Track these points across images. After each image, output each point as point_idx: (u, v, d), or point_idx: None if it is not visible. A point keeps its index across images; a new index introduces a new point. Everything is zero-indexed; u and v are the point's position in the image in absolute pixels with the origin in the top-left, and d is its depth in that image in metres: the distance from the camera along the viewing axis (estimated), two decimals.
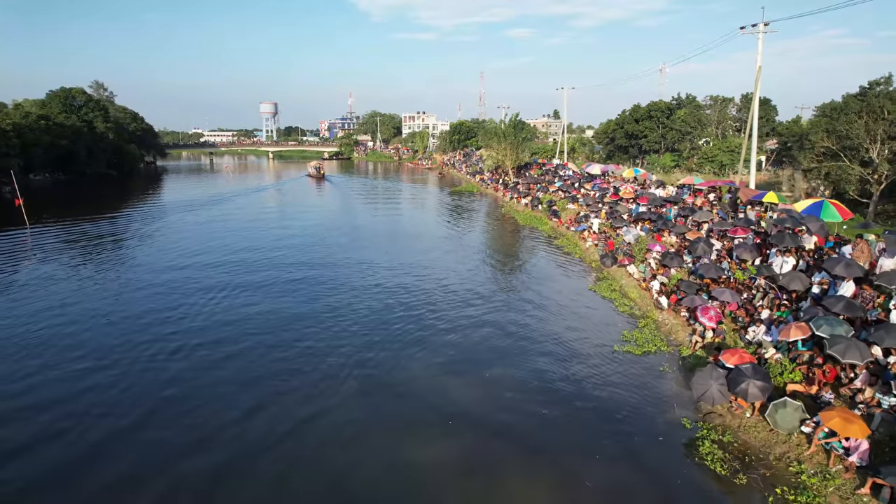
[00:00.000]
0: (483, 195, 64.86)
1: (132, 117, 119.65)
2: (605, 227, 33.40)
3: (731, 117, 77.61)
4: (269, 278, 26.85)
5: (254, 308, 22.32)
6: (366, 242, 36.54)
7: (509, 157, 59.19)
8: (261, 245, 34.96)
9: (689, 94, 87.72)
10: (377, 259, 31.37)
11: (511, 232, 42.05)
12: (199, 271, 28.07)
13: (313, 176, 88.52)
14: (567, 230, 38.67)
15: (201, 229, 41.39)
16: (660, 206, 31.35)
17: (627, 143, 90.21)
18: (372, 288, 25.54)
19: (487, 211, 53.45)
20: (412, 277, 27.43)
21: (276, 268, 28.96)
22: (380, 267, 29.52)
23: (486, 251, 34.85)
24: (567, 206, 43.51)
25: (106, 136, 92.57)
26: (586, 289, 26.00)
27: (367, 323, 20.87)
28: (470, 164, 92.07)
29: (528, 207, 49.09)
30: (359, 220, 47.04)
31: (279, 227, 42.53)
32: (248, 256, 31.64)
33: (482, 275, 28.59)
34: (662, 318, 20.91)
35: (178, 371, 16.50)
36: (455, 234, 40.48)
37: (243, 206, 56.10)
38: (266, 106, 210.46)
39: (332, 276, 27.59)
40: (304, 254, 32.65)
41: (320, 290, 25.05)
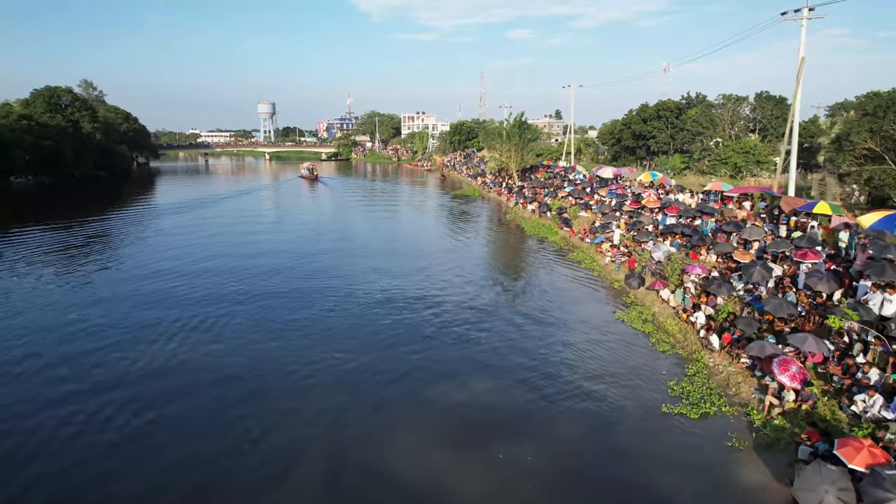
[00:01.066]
0: (485, 199, 60.73)
1: (124, 117, 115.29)
2: (628, 241, 29.26)
3: (745, 117, 73.41)
4: (221, 312, 21.85)
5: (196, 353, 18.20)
6: (355, 258, 32.28)
7: (513, 160, 54.97)
8: (222, 265, 30.49)
9: (699, 93, 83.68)
10: (366, 279, 27.25)
11: (518, 243, 37.91)
12: (131, 302, 23.58)
13: (306, 177, 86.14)
14: (581, 241, 34.55)
15: (164, 240, 37.16)
16: (692, 218, 27.15)
17: (634, 144, 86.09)
18: (352, 321, 21.41)
19: (491, 217, 49.33)
20: (405, 305, 23.29)
21: (230, 300, 24.23)
22: (368, 290, 25.39)
23: (491, 267, 30.71)
24: (579, 213, 39.36)
25: (93, 136, 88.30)
26: (613, 317, 21.87)
27: (343, 381, 16.75)
28: (471, 166, 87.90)
29: (535, 214, 44.96)
30: (350, 229, 42.82)
31: (254, 237, 38.34)
32: (202, 283, 25.90)
33: (488, 297, 24.44)
34: (714, 363, 16.78)
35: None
36: (457, 246, 36.34)
37: (223, 212, 51.92)
38: (264, 106, 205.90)
39: (306, 313, 23.39)
40: (277, 275, 27.84)
41: (288, 344, 20.85)
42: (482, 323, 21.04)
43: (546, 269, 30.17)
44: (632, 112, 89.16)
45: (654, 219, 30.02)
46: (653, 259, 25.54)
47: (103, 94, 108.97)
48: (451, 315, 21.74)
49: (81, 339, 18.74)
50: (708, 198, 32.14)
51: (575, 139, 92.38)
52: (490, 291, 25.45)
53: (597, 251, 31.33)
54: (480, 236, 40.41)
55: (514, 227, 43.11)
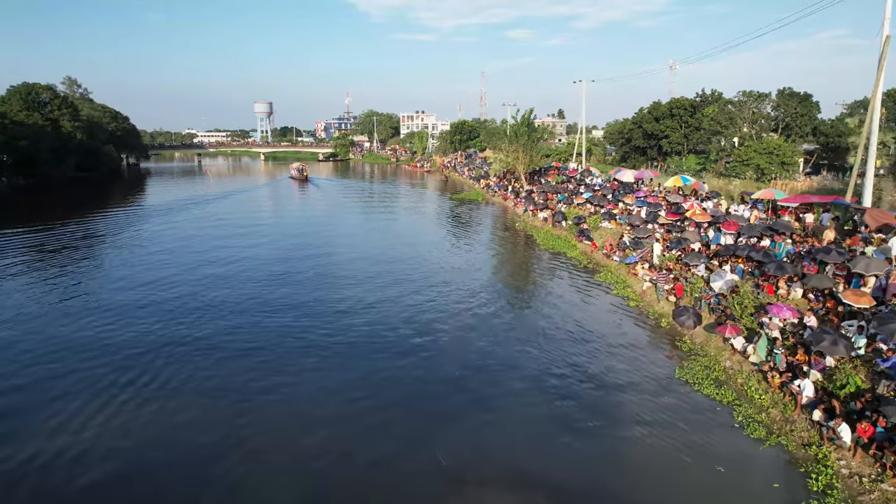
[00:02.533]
0: (490, 204, 55.02)
1: (112, 116, 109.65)
2: (670, 263, 23.61)
3: (766, 115, 67.72)
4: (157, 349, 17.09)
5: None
6: (337, 280, 26.65)
7: (521, 161, 49.21)
8: (176, 279, 25.18)
9: (714, 90, 78.09)
10: (350, 308, 21.65)
11: (531, 258, 32.24)
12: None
13: (296, 178, 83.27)
14: (607, 259, 28.92)
15: (118, 253, 31.50)
16: (758, 238, 21.34)
17: (646, 144, 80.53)
18: (331, 370, 15.84)
19: (498, 225, 43.62)
20: (395, 353, 17.69)
21: (174, 341, 18.96)
22: (352, 325, 19.79)
23: (504, 293, 24.98)
24: (601, 224, 33.70)
25: (74, 136, 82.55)
26: (671, 373, 16.24)
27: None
28: (473, 168, 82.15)
29: (547, 223, 39.31)
30: (335, 241, 36.63)
31: (220, 249, 32.62)
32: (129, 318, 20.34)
33: (508, 346, 18.82)
34: (849, 471, 11.14)
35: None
36: (461, 262, 30.66)
37: (197, 218, 46.18)
38: (260, 105, 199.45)
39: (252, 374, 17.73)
40: (228, 311, 21.60)
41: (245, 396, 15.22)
42: (503, 376, 15.51)
43: (570, 294, 24.49)
44: (643, 110, 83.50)
45: (702, 235, 24.33)
46: (710, 290, 19.89)
47: (88, 91, 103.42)
48: (463, 374, 16.14)
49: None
50: (757, 209, 26.51)
51: (571, 139, 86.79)
52: (505, 328, 19.84)
53: (629, 273, 25.69)
54: (487, 250, 34.73)
55: (525, 238, 37.45)
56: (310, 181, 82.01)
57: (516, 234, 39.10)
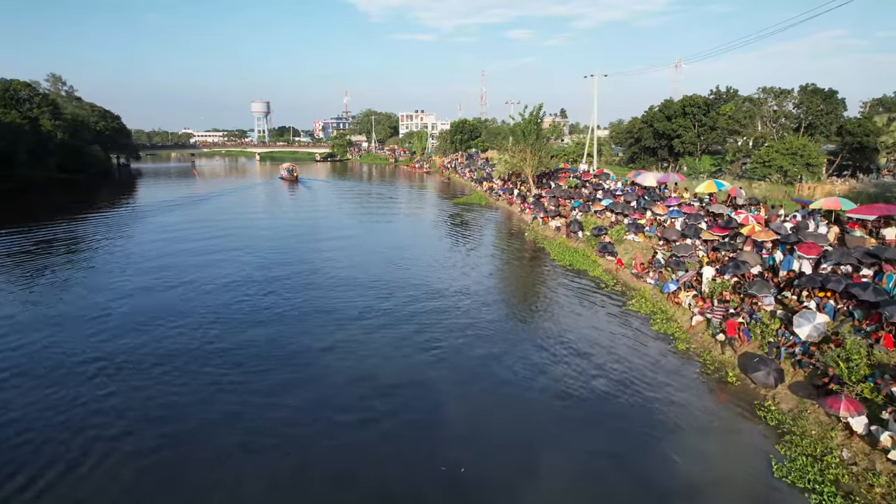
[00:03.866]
0: (494, 209, 50.08)
1: (100, 115, 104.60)
2: (727, 292, 18.68)
3: (787, 113, 62.70)
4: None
5: None
6: (308, 319, 21.56)
7: (529, 163, 44.23)
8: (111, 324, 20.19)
9: (729, 87, 73.12)
10: (330, 354, 16.73)
11: (546, 278, 27.24)
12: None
13: (286, 178, 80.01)
14: (638, 280, 24.01)
15: (63, 262, 26.50)
16: (855, 268, 16.31)
17: (656, 144, 75.58)
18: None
19: (505, 234, 38.64)
20: (387, 418, 12.79)
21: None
22: (330, 377, 14.88)
23: (520, 331, 20.06)
24: (626, 237, 28.76)
25: (54, 135, 77.56)
26: (764, 467, 11.34)
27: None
28: (474, 169, 77.15)
29: (560, 233, 34.40)
30: (317, 257, 31.07)
31: (165, 271, 27.53)
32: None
33: (527, 427, 13.92)
34: None
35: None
36: (465, 280, 25.73)
37: (170, 224, 41.11)
38: (258, 105, 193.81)
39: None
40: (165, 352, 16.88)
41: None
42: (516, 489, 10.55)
43: (598, 329, 19.52)
44: (653, 108, 78.48)
45: (765, 258, 19.38)
46: (792, 335, 14.96)
47: (74, 89, 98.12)
48: (457, 442, 11.23)
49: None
50: (811, 221, 21.59)
51: (583, 139, 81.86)
52: (523, 386, 14.92)
53: (670, 301, 20.75)
54: (495, 266, 29.80)
55: (536, 251, 32.53)
56: (300, 182, 78.47)
57: (526, 246, 34.14)
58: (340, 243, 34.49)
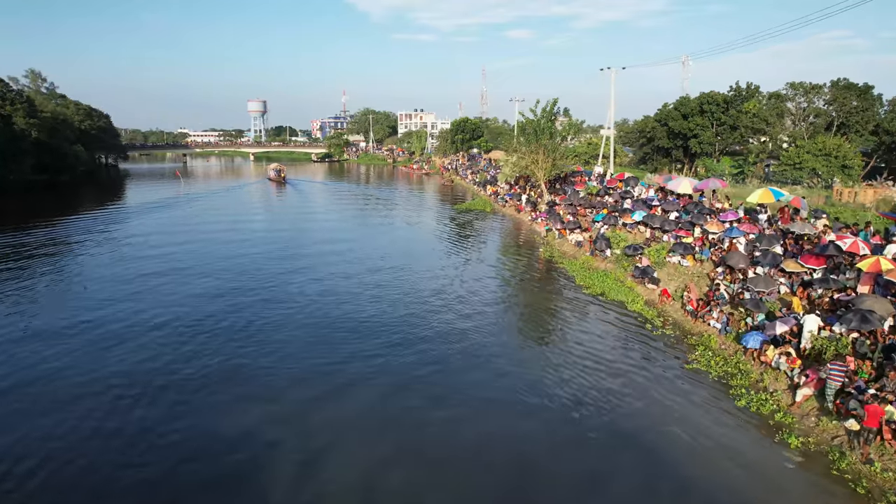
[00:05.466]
0: (500, 216, 44.30)
1: (86, 113, 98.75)
2: (849, 357, 12.93)
3: (819, 110, 56.82)
4: None
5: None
6: (273, 371, 15.90)
7: (542, 165, 38.56)
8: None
9: (749, 83, 67.05)
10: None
11: (576, 312, 21.32)
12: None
13: (273, 179, 75.88)
14: (695, 321, 18.29)
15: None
16: None
17: (670, 145, 69.83)
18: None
19: (513, 249, 32.83)
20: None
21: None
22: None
23: (544, 393, 14.33)
24: (667, 258, 22.99)
25: (28, 134, 71.67)
26: None
27: None
28: (477, 171, 71.26)
29: (583, 250, 28.64)
30: (291, 280, 25.01)
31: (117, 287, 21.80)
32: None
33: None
34: None
35: None
36: (464, 309, 20.03)
37: (129, 234, 35.22)
38: (254, 104, 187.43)
39: None
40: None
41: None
42: None
43: (661, 406, 13.78)
44: (667, 106, 72.68)
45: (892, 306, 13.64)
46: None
47: (55, 86, 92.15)
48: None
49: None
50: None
51: (593, 138, 76.02)
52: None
53: (754, 360, 15.02)
54: (503, 291, 24.03)
55: (554, 271, 26.79)
56: (288, 183, 73.79)
57: (541, 264, 28.39)
58: (315, 261, 28.54)
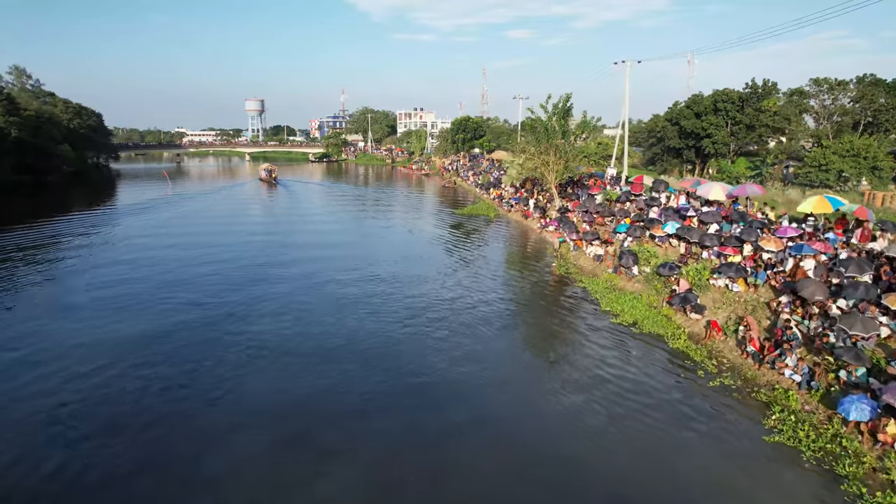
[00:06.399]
0: (504, 222, 40.40)
1: (75, 112, 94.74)
2: None
3: (845, 108, 52.83)
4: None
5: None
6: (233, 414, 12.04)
7: (553, 167, 34.74)
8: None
9: (766, 80, 62.98)
10: None
11: (603, 349, 17.41)
12: None
13: (265, 180, 73.80)
14: (759, 368, 14.40)
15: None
16: None
17: (682, 145, 65.94)
18: None
19: (521, 261, 28.89)
20: None
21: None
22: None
23: (569, 477, 10.46)
24: (711, 280, 19.07)
25: (8, 133, 67.77)
26: None
27: None
28: (479, 172, 67.26)
29: (603, 265, 24.73)
30: (260, 287, 21.83)
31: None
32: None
33: None
34: None
35: None
36: (466, 344, 16.18)
37: (100, 241, 31.25)
38: (252, 103, 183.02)
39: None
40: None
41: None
42: None
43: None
44: (678, 104, 68.74)
45: None
46: None
47: (40, 83, 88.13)
48: None
49: None
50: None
51: (604, 138, 72.06)
52: None
53: (869, 434, 11.12)
54: (512, 318, 20.15)
55: (570, 290, 22.89)
56: (280, 184, 71.24)
57: (554, 281, 24.46)
58: (295, 272, 24.64)
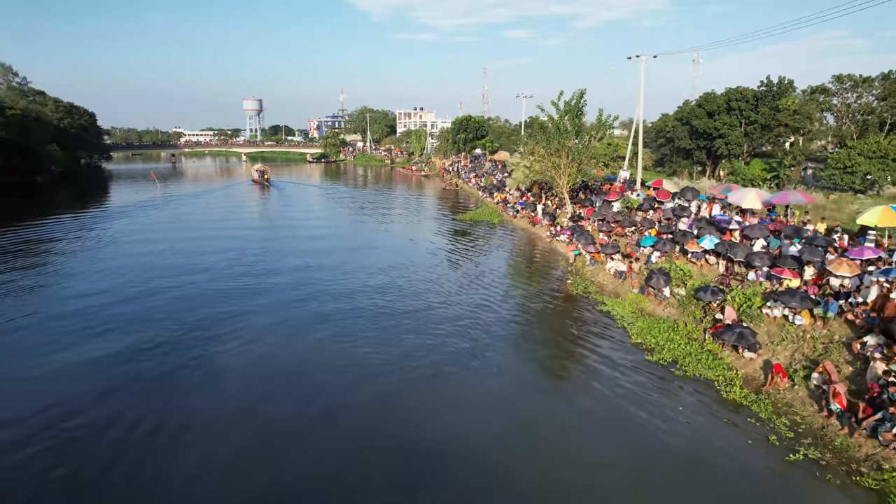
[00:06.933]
0: (510, 229, 37.26)
1: (65, 111, 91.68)
2: None
3: (868, 106, 49.62)
4: None
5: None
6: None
7: (565, 171, 31.21)
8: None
9: (782, 77, 59.79)
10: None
11: (637, 395, 14.31)
12: None
13: (257, 181, 70.89)
14: (838, 430, 11.27)
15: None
16: None
17: (692, 146, 62.78)
18: None
19: (532, 277, 25.70)
20: None
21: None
22: None
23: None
24: (765, 310, 15.91)
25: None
26: None
27: None
28: (481, 174, 64.05)
29: (626, 283, 21.60)
30: (233, 302, 18.93)
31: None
32: None
33: None
34: None
35: None
36: (483, 432, 13.13)
37: (69, 249, 28.09)
38: (249, 103, 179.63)
39: None
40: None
41: None
42: None
43: None
44: (688, 104, 65.57)
45: None
46: None
47: (27, 80, 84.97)
48: None
49: None
50: None
51: (615, 139, 68.89)
52: None
53: None
54: (531, 356, 17.05)
55: (588, 313, 19.76)
56: (272, 186, 68.50)
57: (573, 304, 21.33)
58: (268, 298, 21.49)
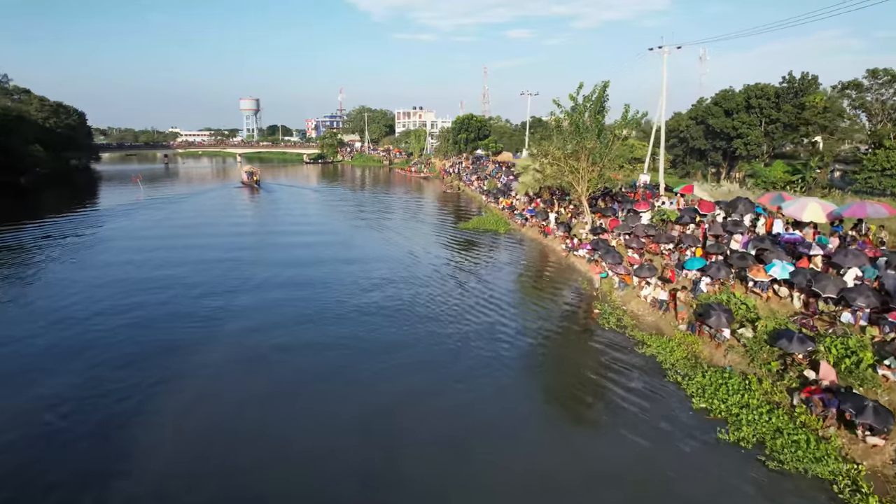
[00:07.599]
0: (518, 239, 33.13)
1: (52, 111, 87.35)
2: None
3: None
4: None
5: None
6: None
7: (584, 175, 26.81)
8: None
9: (806, 73, 55.49)
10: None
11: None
12: None
13: (246, 183, 66.43)
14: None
15: None
16: None
17: (708, 146, 58.70)
18: None
19: (550, 303, 21.52)
20: None
21: None
22: None
23: None
24: (882, 371, 11.74)
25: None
26: None
27: None
28: (484, 177, 59.77)
29: (668, 315, 17.45)
30: (198, 328, 14.87)
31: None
32: None
33: None
34: None
35: None
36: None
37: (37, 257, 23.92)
38: (246, 103, 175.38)
39: None
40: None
41: None
42: None
43: None
44: (703, 101, 61.50)
45: None
46: None
47: (8, 78, 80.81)
48: None
49: None
50: None
51: (632, 140, 64.56)
52: None
53: None
54: (553, 428, 12.96)
55: (624, 357, 15.66)
56: (263, 188, 64.55)
57: (603, 344, 17.16)
58: (239, 301, 17.40)
